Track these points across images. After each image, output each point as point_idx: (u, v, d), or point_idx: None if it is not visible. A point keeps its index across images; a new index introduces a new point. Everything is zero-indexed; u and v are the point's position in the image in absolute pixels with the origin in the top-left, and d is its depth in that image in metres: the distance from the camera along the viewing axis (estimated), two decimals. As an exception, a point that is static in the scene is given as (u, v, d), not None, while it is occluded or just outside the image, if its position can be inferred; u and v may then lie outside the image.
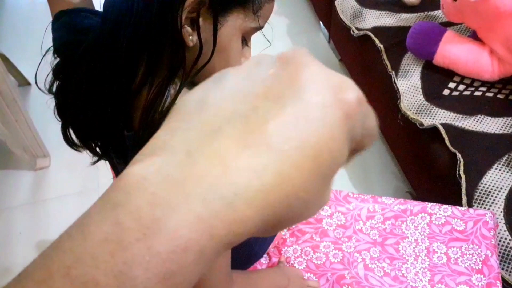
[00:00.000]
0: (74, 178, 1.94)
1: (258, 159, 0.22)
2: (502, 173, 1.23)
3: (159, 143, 0.24)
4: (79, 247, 0.20)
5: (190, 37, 0.66)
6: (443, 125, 1.36)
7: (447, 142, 1.33)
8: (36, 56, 0.79)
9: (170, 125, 0.25)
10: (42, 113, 2.19)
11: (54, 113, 0.81)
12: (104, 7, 0.68)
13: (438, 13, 1.65)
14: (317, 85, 0.24)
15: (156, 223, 0.21)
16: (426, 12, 1.68)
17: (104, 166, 1.38)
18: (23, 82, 2.30)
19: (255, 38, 0.75)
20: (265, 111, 0.23)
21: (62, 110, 0.80)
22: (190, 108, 0.26)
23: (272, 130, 0.23)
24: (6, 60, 2.08)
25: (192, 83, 0.69)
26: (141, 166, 0.23)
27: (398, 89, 1.53)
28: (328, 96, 0.24)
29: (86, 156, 0.90)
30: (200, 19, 0.65)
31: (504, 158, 1.26)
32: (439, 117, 1.41)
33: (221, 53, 0.69)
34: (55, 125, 0.83)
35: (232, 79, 0.26)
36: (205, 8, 0.65)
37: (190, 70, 0.68)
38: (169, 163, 0.22)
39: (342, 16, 1.86)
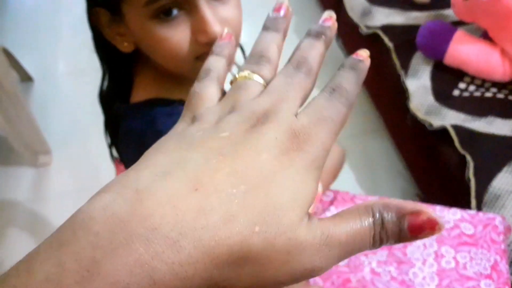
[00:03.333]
0: (75, 175, 1.93)
1: (206, 200, 0.22)
2: (513, 177, 1.21)
3: (112, 182, 0.25)
4: (22, 285, 0.20)
5: (125, 43, 0.71)
6: (453, 126, 1.33)
7: (456, 144, 1.31)
8: (39, 51, 0.80)
9: (130, 169, 0.26)
10: (44, 109, 2.19)
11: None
12: None
13: (448, 12, 1.63)
14: (268, 142, 0.26)
15: (96, 266, 0.20)
16: (436, 11, 1.66)
17: (105, 163, 1.35)
18: (26, 78, 2.29)
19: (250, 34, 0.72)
20: (217, 162, 0.24)
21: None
22: (150, 150, 0.27)
23: (221, 177, 0.24)
24: (9, 55, 2.07)
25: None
26: (90, 203, 0.23)
27: (407, 89, 1.51)
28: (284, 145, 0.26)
29: (87, 153, 0.90)
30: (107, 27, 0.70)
31: (515, 161, 1.23)
32: (449, 118, 1.39)
33: (146, 44, 0.70)
34: (57, 121, 0.84)
35: (194, 133, 0.28)
36: (107, 16, 0.68)
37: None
38: (116, 200, 0.22)
39: (350, 14, 1.84)
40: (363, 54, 0.32)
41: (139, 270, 0.20)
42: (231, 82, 0.32)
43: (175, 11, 0.63)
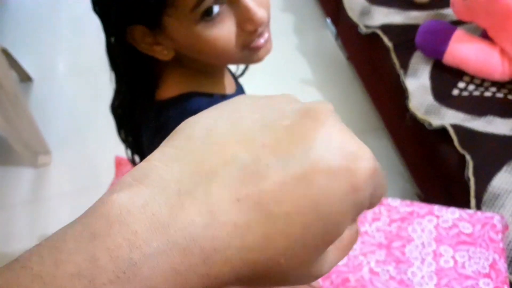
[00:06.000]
0: (75, 175, 1.93)
1: (245, 216, 0.21)
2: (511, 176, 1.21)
3: (152, 168, 0.23)
4: (48, 276, 0.19)
5: (165, 52, 0.69)
6: (452, 125, 1.33)
7: (456, 143, 1.31)
8: (38, 51, 0.79)
9: (168, 150, 0.24)
10: (44, 109, 2.19)
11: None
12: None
13: (448, 11, 1.63)
14: (330, 149, 0.23)
15: (132, 268, 0.20)
16: (436, 10, 1.66)
17: (105, 163, 1.36)
18: (25, 78, 2.29)
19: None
20: (266, 166, 0.22)
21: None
22: (194, 134, 0.25)
23: (267, 188, 0.22)
24: (8, 55, 2.07)
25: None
26: (128, 195, 0.21)
27: (406, 88, 1.51)
28: (339, 163, 0.22)
29: (87, 153, 0.90)
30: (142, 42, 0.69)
31: (515, 160, 1.23)
32: (448, 117, 1.39)
33: (193, 48, 0.69)
34: (57, 122, 0.83)
35: (245, 116, 0.25)
36: (142, 31, 0.67)
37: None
38: (157, 199, 0.21)
39: (350, 13, 1.84)
40: None
41: (173, 278, 0.20)
42: None
43: (216, 9, 0.63)
